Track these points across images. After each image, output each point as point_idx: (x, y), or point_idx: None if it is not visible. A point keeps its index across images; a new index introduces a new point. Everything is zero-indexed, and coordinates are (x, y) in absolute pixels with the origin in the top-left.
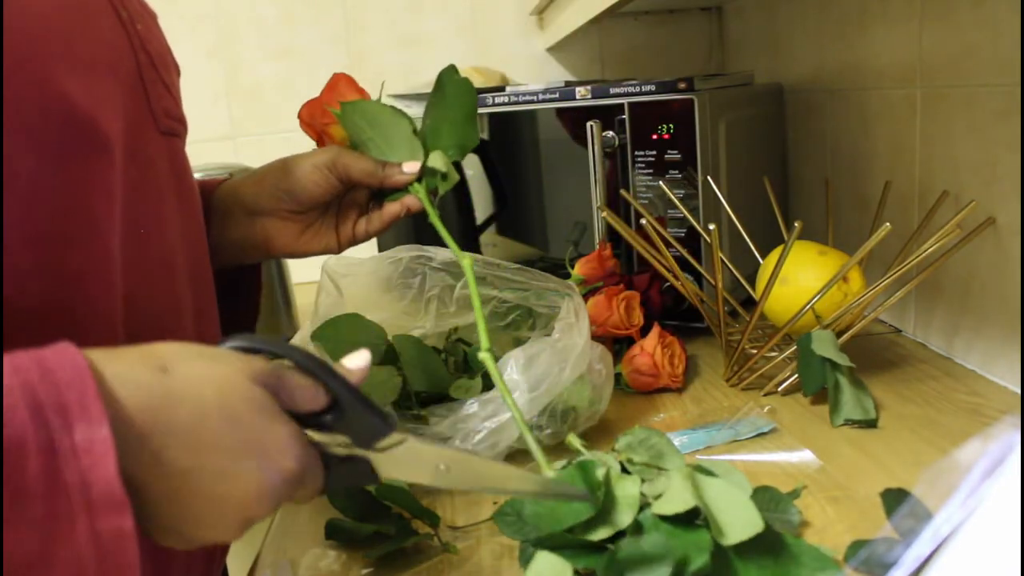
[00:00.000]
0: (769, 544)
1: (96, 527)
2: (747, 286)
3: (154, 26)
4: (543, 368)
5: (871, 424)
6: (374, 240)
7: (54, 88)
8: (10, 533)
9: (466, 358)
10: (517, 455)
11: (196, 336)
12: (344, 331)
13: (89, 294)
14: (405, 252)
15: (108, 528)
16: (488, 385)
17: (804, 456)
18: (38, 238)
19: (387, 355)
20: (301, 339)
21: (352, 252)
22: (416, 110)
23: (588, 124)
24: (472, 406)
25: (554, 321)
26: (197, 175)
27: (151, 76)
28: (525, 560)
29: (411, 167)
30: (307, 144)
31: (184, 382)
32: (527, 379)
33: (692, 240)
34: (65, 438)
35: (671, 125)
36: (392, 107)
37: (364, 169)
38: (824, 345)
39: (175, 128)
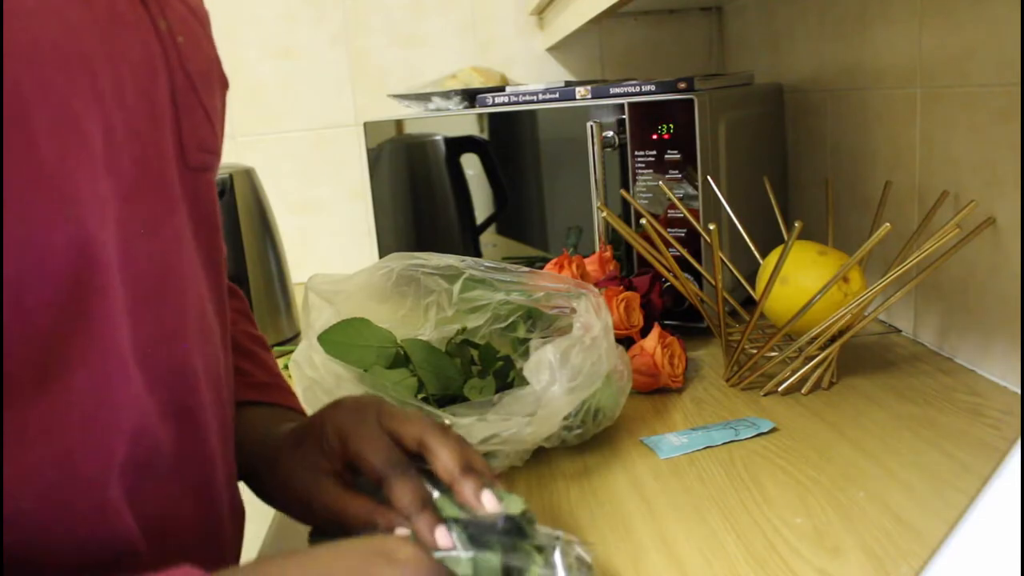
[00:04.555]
0: None
1: None
2: (747, 286)
3: (202, 35)
4: (578, 362)
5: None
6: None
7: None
8: None
9: (472, 360)
10: (541, 452)
11: (212, 395)
12: (353, 334)
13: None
14: (396, 262)
15: None
16: (502, 385)
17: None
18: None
19: (398, 359)
20: (305, 350)
21: (336, 266)
22: (416, 110)
23: (588, 124)
24: (493, 406)
25: (557, 323)
26: None
27: (188, 102)
28: None
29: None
30: (305, 144)
31: None
32: (566, 373)
33: (692, 240)
34: None
35: (671, 125)
36: None
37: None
38: None
39: (206, 162)
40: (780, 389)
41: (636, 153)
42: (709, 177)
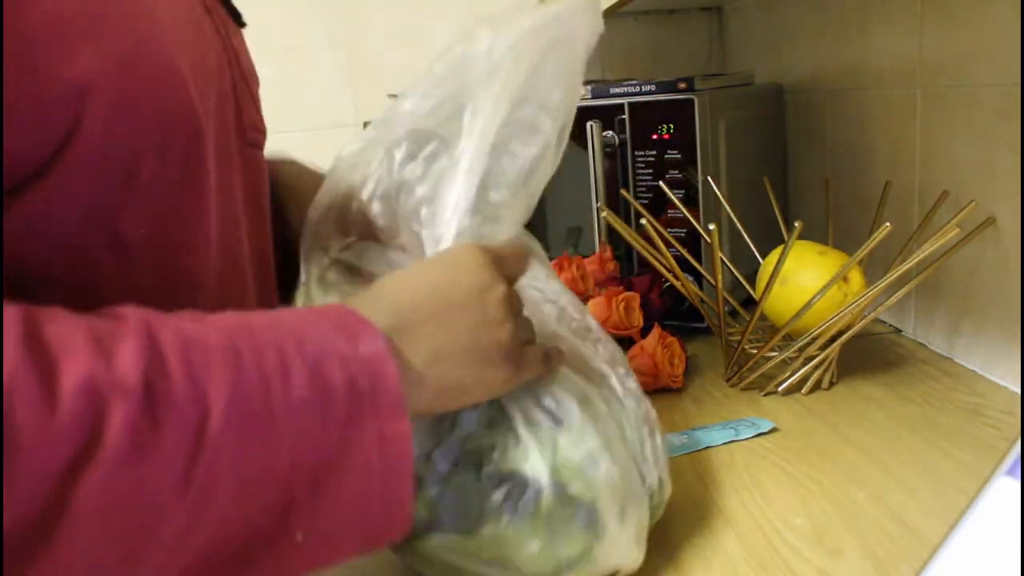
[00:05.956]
0: None
1: (383, 430)
2: (747, 286)
3: (242, 42)
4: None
5: None
6: None
7: (186, 101)
8: (316, 438)
9: None
10: None
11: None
12: None
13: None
14: None
15: (392, 431)
16: None
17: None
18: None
19: None
20: None
21: None
22: None
23: (588, 124)
24: None
25: None
26: None
27: (243, 90)
28: None
29: None
30: (305, 144)
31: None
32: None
33: (692, 240)
34: (353, 349)
35: (671, 125)
36: None
37: None
38: None
39: (258, 139)
40: (780, 389)
41: (636, 153)
42: (709, 177)
